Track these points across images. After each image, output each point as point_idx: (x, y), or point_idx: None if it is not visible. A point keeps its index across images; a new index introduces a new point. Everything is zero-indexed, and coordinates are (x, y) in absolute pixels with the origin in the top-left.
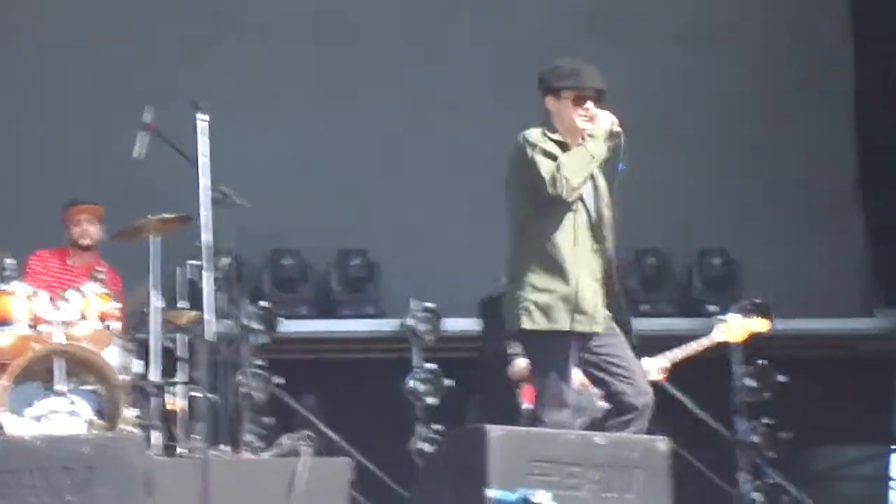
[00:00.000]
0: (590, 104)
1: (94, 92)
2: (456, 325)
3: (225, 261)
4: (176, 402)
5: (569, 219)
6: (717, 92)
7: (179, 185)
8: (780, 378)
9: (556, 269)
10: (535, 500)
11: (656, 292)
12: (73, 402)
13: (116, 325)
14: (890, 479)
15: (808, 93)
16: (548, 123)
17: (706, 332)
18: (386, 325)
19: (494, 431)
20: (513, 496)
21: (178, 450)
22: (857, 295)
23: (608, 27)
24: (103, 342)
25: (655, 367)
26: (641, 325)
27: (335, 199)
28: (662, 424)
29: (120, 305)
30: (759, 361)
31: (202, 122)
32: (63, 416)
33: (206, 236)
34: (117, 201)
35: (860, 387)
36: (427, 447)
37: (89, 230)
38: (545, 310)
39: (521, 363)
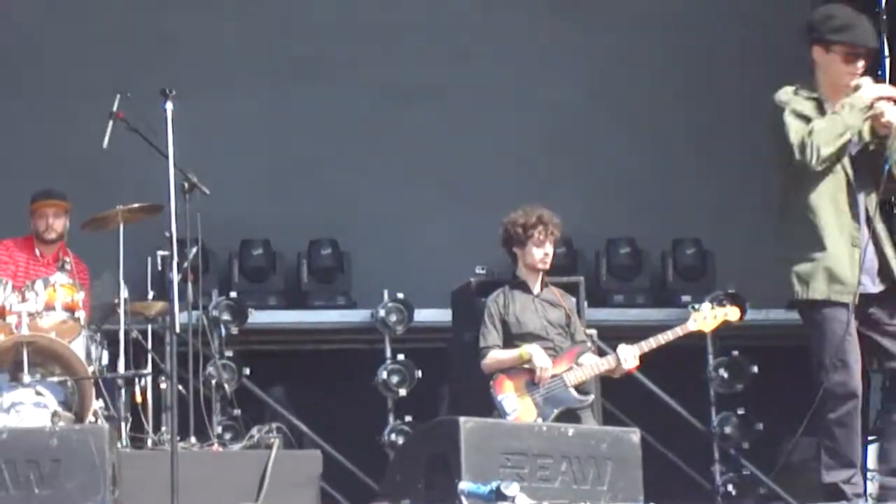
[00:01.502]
0: (860, 63)
1: (62, 80)
2: (427, 315)
3: (193, 251)
4: (144, 393)
5: (827, 184)
6: (691, 80)
7: (148, 174)
8: (753, 369)
9: (814, 237)
10: (506, 491)
11: (630, 282)
12: (39, 394)
13: (83, 316)
14: (867, 469)
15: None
16: (806, 81)
17: (679, 322)
18: (356, 316)
19: (466, 423)
20: (484, 488)
21: (146, 442)
22: None
23: (582, 13)
24: (70, 333)
25: (629, 354)
26: (615, 315)
27: (305, 190)
28: (636, 416)
29: (86, 296)
30: (733, 353)
31: (168, 110)
32: (29, 407)
33: (175, 227)
34: (85, 190)
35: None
36: (398, 439)
37: (54, 225)
38: (805, 279)
39: (494, 355)
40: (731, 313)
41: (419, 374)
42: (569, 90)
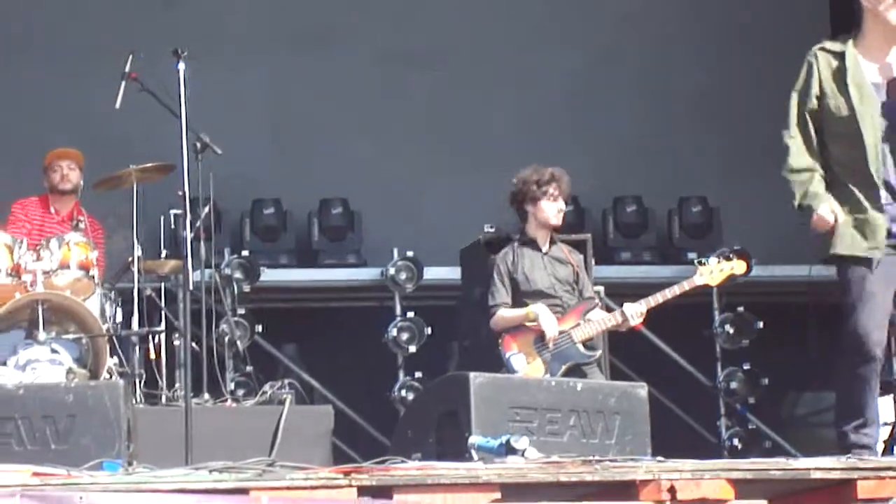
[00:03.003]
0: None
1: (72, 42)
2: (437, 273)
3: (205, 210)
4: (157, 350)
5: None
6: (697, 40)
7: (160, 134)
8: (759, 325)
9: (848, 195)
10: (516, 445)
11: (636, 240)
12: (55, 351)
13: (97, 274)
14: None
15: (789, 39)
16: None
17: (686, 278)
18: (367, 274)
19: (476, 378)
20: (494, 442)
21: (161, 398)
22: None
23: None
24: (85, 291)
25: (634, 312)
26: (621, 272)
27: (316, 150)
28: (643, 372)
29: (101, 254)
30: (738, 308)
31: (181, 69)
32: (45, 364)
33: (187, 186)
34: (97, 151)
35: (831, 334)
36: (408, 395)
37: (69, 175)
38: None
39: (503, 313)
40: (738, 267)
41: (429, 331)
42: (575, 51)
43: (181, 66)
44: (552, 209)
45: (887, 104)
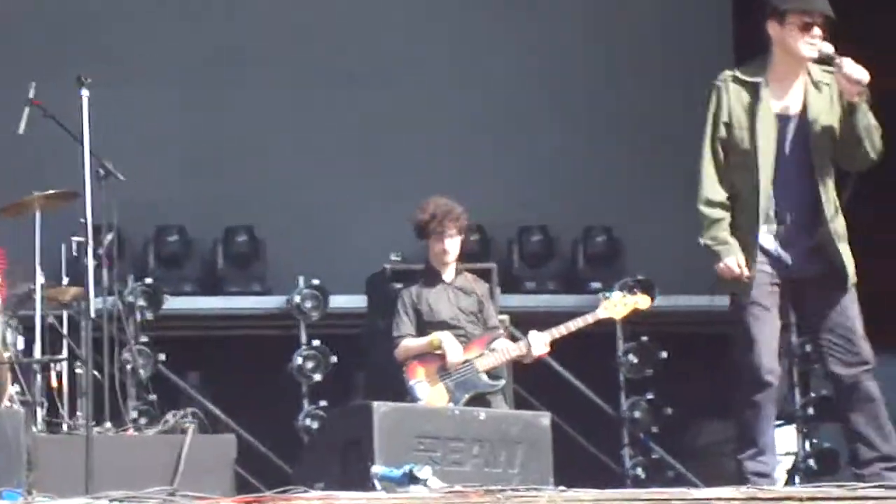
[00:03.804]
0: (816, 31)
1: None
2: (343, 301)
3: (108, 237)
4: (59, 378)
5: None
6: (603, 70)
7: (63, 161)
8: (663, 354)
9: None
10: (418, 475)
11: (541, 269)
12: None
13: None
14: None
15: (693, 68)
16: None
17: (590, 308)
18: (272, 302)
19: (380, 408)
20: (397, 472)
21: (62, 427)
22: None
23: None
24: None
25: (539, 342)
26: (526, 301)
27: (221, 177)
28: (547, 401)
29: (3, 282)
30: (642, 338)
31: (84, 96)
32: None
33: (90, 213)
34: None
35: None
36: (313, 424)
37: None
38: None
39: (406, 344)
40: (642, 301)
41: (334, 359)
42: (482, 81)
43: (84, 92)
44: (437, 248)
45: (788, 139)
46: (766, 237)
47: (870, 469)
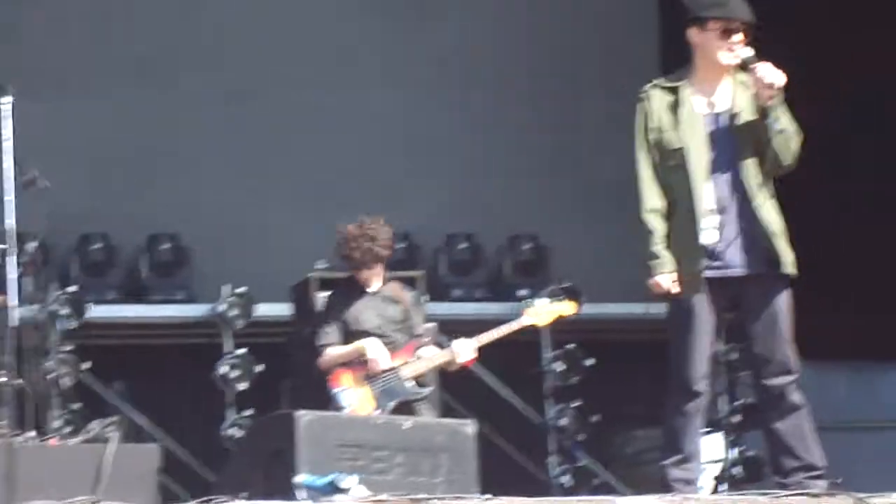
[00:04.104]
0: (737, 37)
1: None
2: (268, 310)
3: (32, 245)
4: None
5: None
6: (528, 78)
7: None
8: (589, 362)
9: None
10: (342, 484)
11: (468, 276)
12: None
13: None
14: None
15: (619, 78)
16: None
17: (517, 316)
18: (197, 311)
19: (303, 417)
20: (321, 481)
21: None
22: None
23: (423, 8)
24: None
25: (464, 349)
26: (453, 309)
27: (145, 185)
28: (474, 408)
29: None
30: (568, 346)
31: (6, 104)
32: None
33: (11, 220)
34: None
35: (662, 371)
36: (238, 433)
37: None
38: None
39: (332, 352)
40: (566, 308)
41: (260, 368)
42: (410, 86)
43: (6, 99)
44: (360, 277)
45: (716, 135)
46: (706, 235)
47: (793, 478)
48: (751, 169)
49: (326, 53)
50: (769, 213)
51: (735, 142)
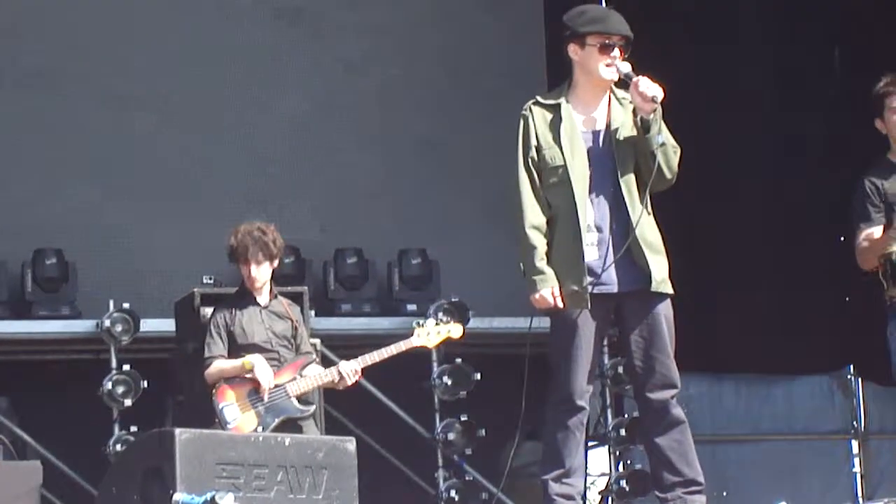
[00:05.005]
0: (616, 53)
1: None
2: (154, 325)
3: None
4: None
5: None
6: (418, 91)
7: None
8: (477, 376)
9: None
10: (220, 501)
11: (357, 291)
12: None
13: None
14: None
15: (507, 92)
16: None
17: (405, 330)
18: (81, 326)
19: (181, 435)
20: (199, 499)
21: None
22: None
23: (312, 21)
24: None
25: (350, 370)
26: (342, 324)
27: (29, 199)
28: (362, 423)
29: None
30: (456, 360)
31: None
32: None
33: None
34: None
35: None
36: (123, 449)
37: None
38: None
39: (218, 365)
40: (454, 330)
41: (145, 384)
42: (297, 99)
43: None
44: (247, 273)
45: (596, 152)
46: (588, 251)
47: (672, 493)
48: (630, 186)
49: (211, 62)
50: (648, 230)
51: (615, 159)
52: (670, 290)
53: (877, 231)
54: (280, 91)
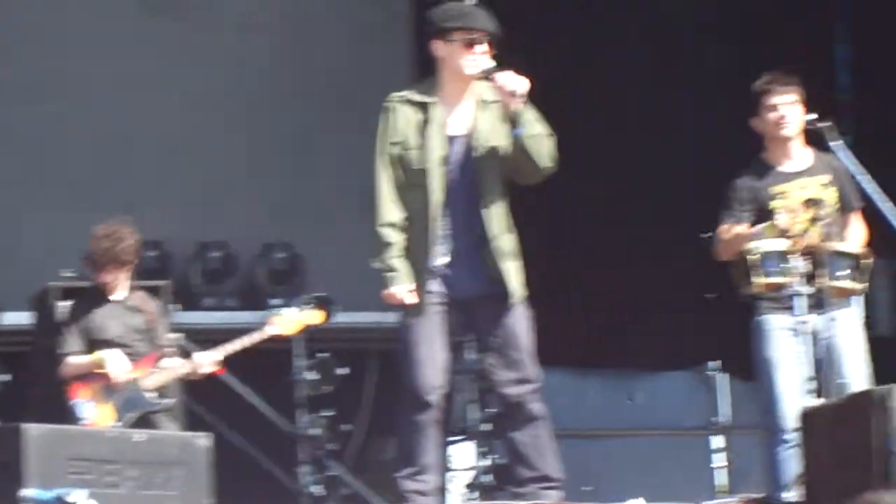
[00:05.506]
0: (481, 49)
1: None
2: (14, 318)
3: None
4: None
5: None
6: (283, 85)
7: None
8: (341, 371)
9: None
10: (69, 499)
11: (221, 285)
12: None
13: None
14: (450, 469)
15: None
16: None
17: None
18: None
19: (31, 430)
20: (48, 495)
21: None
22: None
23: (176, 12)
24: None
25: (207, 360)
26: (206, 318)
27: None
28: (225, 418)
29: None
30: (320, 354)
31: None
32: None
33: None
34: None
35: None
36: None
37: None
38: None
39: (73, 360)
40: (313, 317)
41: (6, 378)
42: (161, 92)
43: None
44: (103, 280)
45: (457, 158)
46: (440, 255)
47: (526, 488)
48: (488, 193)
49: (78, 56)
50: (503, 236)
51: (475, 165)
52: (523, 294)
53: (741, 228)
54: (145, 83)
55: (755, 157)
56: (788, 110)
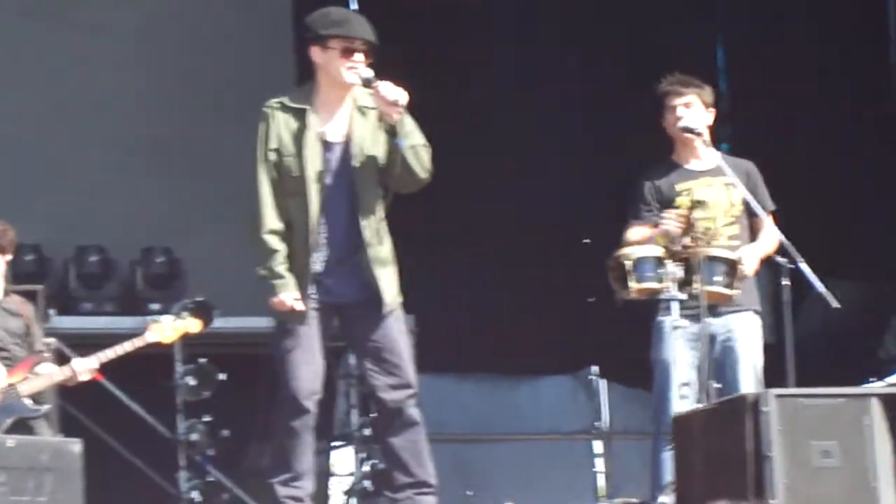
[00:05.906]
0: (358, 57)
1: None
2: None
3: None
4: None
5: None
6: (161, 87)
7: None
8: (221, 376)
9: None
10: None
11: (99, 290)
12: None
13: None
14: (332, 474)
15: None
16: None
17: (142, 331)
18: None
19: None
20: None
21: None
22: None
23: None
24: None
25: (83, 367)
26: (84, 323)
27: None
28: (104, 423)
29: None
30: (200, 360)
31: None
32: None
33: None
34: None
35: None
36: None
37: None
38: None
39: None
40: (192, 325)
41: None
42: (38, 96)
43: None
44: None
45: (334, 165)
46: (316, 263)
47: (403, 494)
48: (365, 201)
49: None
50: (380, 244)
51: (351, 173)
52: (398, 301)
53: (642, 230)
54: (18, 88)
55: (664, 156)
56: (685, 112)
